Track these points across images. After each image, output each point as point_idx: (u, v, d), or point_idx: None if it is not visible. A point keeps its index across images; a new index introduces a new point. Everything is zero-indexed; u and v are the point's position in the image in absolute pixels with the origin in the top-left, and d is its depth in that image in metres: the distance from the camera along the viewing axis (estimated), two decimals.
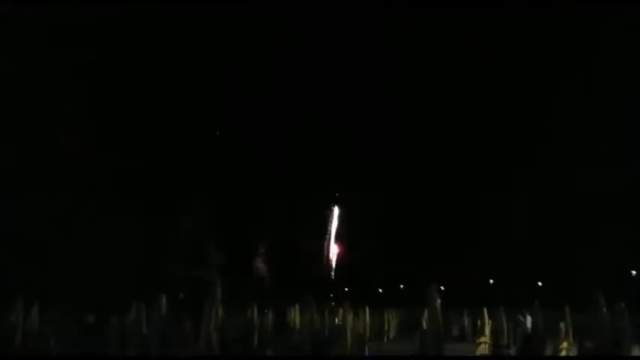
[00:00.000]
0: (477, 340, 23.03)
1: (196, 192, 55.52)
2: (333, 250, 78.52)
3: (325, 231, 78.64)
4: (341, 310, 25.85)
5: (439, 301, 11.45)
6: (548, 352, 17.97)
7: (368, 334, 23.19)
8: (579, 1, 51.18)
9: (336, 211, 79.34)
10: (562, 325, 19.34)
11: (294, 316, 26.53)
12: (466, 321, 32.87)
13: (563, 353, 19.08)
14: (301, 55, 64.54)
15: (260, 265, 63.32)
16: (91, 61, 47.32)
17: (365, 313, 23.72)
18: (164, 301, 15.55)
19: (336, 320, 27.08)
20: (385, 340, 29.07)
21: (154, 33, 54.35)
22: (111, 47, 50.36)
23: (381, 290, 67.65)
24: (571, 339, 18.87)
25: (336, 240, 78.95)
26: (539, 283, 58.27)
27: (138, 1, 50.54)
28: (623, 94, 50.12)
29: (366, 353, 21.91)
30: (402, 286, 68.35)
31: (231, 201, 58.00)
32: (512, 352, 18.48)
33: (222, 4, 54.21)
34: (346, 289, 68.21)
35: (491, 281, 63.84)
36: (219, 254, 56.20)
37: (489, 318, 22.93)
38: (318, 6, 58.57)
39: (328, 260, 77.67)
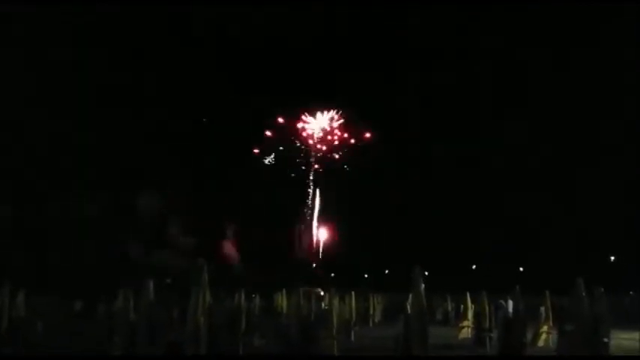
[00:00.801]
0: (460, 324, 23.53)
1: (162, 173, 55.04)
2: (319, 236, 76.88)
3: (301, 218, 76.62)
4: (327, 295, 26.09)
5: (423, 285, 11.61)
6: (529, 335, 18.40)
7: (354, 318, 23.49)
8: None
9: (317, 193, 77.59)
10: (542, 309, 19.81)
11: (281, 301, 26.81)
12: (449, 305, 33.44)
13: (544, 336, 19.59)
14: None
15: (229, 249, 62.11)
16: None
17: (350, 297, 24.00)
18: (151, 286, 15.57)
19: (323, 305, 27.41)
20: (370, 325, 29.43)
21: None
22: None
23: (366, 275, 68.16)
24: (551, 323, 19.35)
25: (321, 224, 77.36)
26: (521, 269, 59.24)
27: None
28: None
29: (352, 337, 22.23)
30: (386, 271, 68.94)
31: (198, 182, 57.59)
32: (494, 335, 18.87)
33: None
34: (332, 274, 68.52)
35: (473, 267, 64.69)
36: (186, 238, 55.42)
37: (472, 302, 23.36)
38: None
39: (312, 246, 75.84)
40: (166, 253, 53.08)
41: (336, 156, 76.03)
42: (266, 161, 72.79)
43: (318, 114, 75.43)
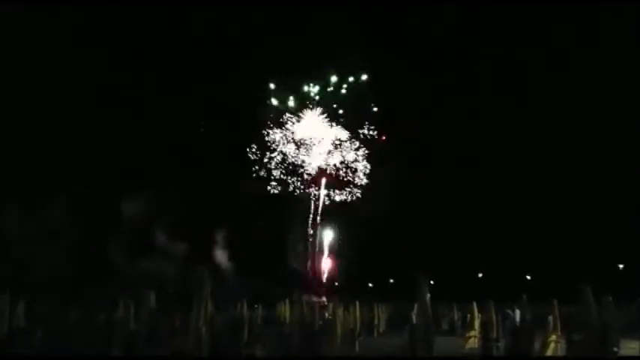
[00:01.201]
0: (467, 334, 23.21)
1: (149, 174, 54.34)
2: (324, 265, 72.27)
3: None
4: (331, 305, 25.85)
5: (429, 295, 11.42)
6: (537, 344, 18.11)
7: (358, 328, 23.23)
8: None
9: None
10: (550, 318, 19.51)
11: (284, 310, 26.54)
12: (456, 315, 33.05)
13: (552, 346, 19.25)
14: None
15: (220, 254, 60.60)
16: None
17: (355, 307, 23.75)
18: (152, 297, 15.46)
19: (327, 314, 27.14)
20: (375, 335, 29.14)
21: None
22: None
23: (371, 285, 67.64)
24: (559, 332, 19.03)
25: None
26: (528, 277, 58.73)
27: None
28: None
29: (356, 348, 21.94)
30: (391, 280, 68.42)
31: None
32: (501, 345, 18.57)
33: None
34: (336, 283, 67.82)
35: (480, 275, 64.19)
36: (175, 243, 54.42)
37: (479, 312, 23.06)
38: None
39: (315, 273, 70.89)
40: (154, 259, 52.28)
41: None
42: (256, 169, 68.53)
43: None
